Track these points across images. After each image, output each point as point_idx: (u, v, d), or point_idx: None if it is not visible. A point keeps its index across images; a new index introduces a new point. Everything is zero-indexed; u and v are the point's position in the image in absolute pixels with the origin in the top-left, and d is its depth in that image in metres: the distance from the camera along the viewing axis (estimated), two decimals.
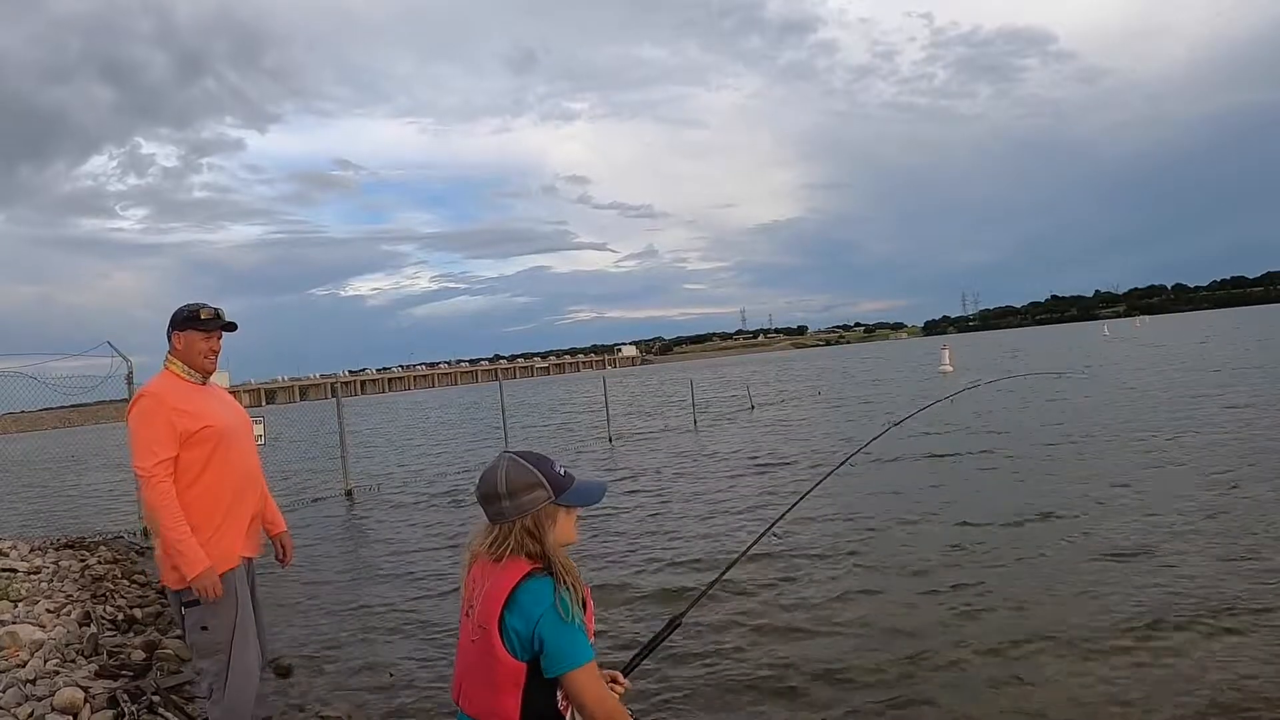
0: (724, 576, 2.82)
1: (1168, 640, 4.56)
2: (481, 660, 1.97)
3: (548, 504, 2.02)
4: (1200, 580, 5.43)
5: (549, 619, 1.92)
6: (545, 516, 2.02)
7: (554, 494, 2.03)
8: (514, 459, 2.06)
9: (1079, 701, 3.99)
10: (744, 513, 9.23)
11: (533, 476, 2.03)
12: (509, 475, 2.03)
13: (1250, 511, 6.98)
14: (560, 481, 2.06)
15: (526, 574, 1.96)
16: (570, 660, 1.92)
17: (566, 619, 1.92)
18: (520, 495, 2.01)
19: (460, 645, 2.07)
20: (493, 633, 1.94)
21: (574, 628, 1.93)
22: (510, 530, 2.00)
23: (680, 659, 4.91)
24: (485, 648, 1.95)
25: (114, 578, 7.83)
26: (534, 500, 2.01)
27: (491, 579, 1.99)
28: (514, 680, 1.94)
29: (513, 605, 1.93)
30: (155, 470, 3.20)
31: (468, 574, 2.10)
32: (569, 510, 2.07)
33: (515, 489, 2.01)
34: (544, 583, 1.95)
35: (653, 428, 21.96)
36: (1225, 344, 36.32)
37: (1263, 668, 4.12)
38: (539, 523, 2.01)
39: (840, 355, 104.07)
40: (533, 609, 1.93)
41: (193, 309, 3.45)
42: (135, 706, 4.35)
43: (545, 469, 2.06)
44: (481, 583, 2.01)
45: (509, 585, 1.95)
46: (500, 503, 2.01)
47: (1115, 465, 9.82)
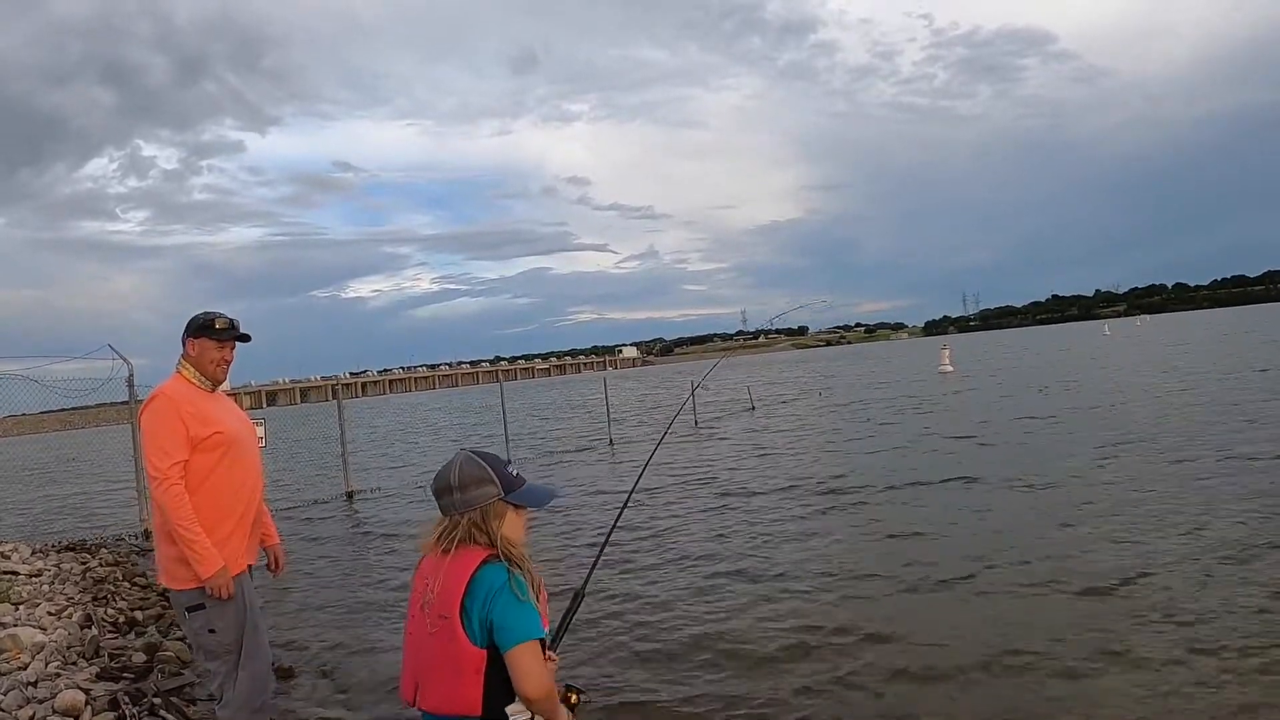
0: (608, 544, 2.89)
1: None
2: (443, 651, 2.02)
3: (497, 500, 2.12)
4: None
5: (503, 597, 1.99)
6: (494, 513, 2.11)
7: (503, 491, 2.13)
8: (469, 455, 2.18)
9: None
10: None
11: (484, 472, 2.13)
12: (462, 469, 2.13)
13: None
14: (511, 481, 2.17)
15: (482, 561, 2.04)
16: (518, 633, 1.98)
17: (522, 598, 2.00)
18: (471, 489, 2.11)
19: (412, 642, 2.11)
20: (454, 621, 1.99)
21: (526, 605, 2.01)
22: (459, 522, 2.09)
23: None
24: (447, 637, 2.00)
25: (115, 580, 7.84)
26: (484, 495, 2.11)
27: (446, 570, 2.05)
28: (476, 668, 1.99)
29: (470, 591, 2.00)
30: (169, 472, 3.21)
31: (417, 569, 2.17)
32: (517, 510, 2.16)
33: (466, 482, 2.11)
34: (498, 567, 2.03)
35: (653, 429, 21.93)
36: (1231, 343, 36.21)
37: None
38: (486, 517, 2.10)
39: (840, 356, 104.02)
40: (488, 590, 2.00)
41: (208, 318, 3.47)
42: (136, 709, 4.35)
43: (497, 467, 2.17)
44: (434, 575, 2.08)
45: (466, 573, 2.02)
46: (452, 495, 2.11)
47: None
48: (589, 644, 5.28)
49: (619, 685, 4.67)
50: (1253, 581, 5.21)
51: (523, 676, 1.98)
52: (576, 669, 4.77)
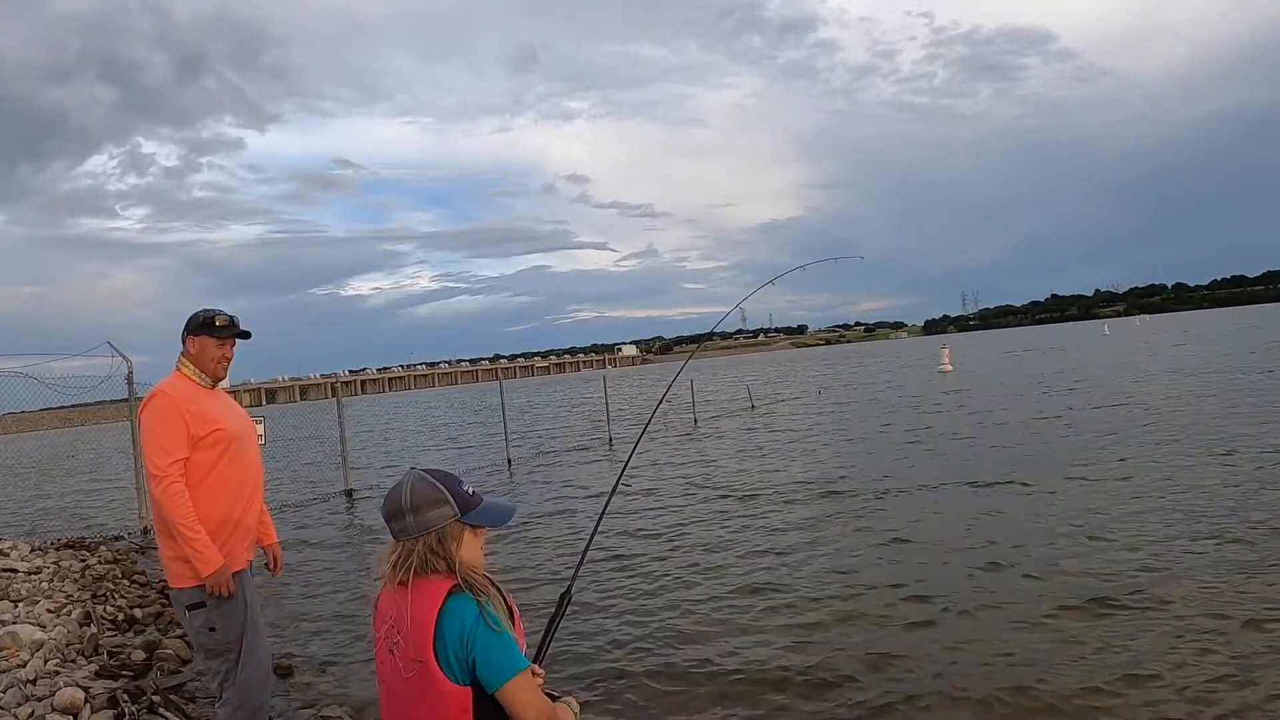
0: (591, 543, 2.85)
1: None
2: (424, 696, 1.90)
3: (453, 522, 1.97)
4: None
5: (480, 631, 1.87)
6: (450, 535, 1.97)
7: (459, 512, 1.99)
8: (420, 475, 2.03)
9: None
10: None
11: (438, 493, 1.98)
12: (414, 491, 1.98)
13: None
14: (467, 500, 2.01)
15: (447, 594, 1.91)
16: (505, 670, 1.88)
17: (496, 629, 1.88)
18: (425, 511, 1.96)
19: (387, 687, 1.98)
20: (430, 664, 1.87)
21: (504, 636, 1.89)
22: (414, 548, 1.95)
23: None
24: (425, 682, 1.88)
25: (114, 578, 7.84)
26: (439, 517, 1.96)
27: (412, 608, 1.92)
28: (463, 707, 1.88)
29: (442, 628, 1.88)
30: (169, 470, 3.21)
31: (376, 606, 2.04)
32: (475, 531, 2.02)
33: (420, 504, 1.96)
34: (465, 598, 1.91)
35: (653, 429, 21.92)
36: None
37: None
38: (443, 540, 1.96)
39: (839, 355, 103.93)
40: (461, 626, 1.87)
41: (208, 315, 3.46)
42: (135, 706, 4.35)
43: (451, 486, 2.01)
44: (396, 614, 1.94)
45: (434, 610, 1.89)
46: (404, 518, 1.96)
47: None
48: (582, 653, 5.21)
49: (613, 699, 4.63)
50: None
51: (521, 709, 1.89)
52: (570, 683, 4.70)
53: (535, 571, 7.56)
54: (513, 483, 13.94)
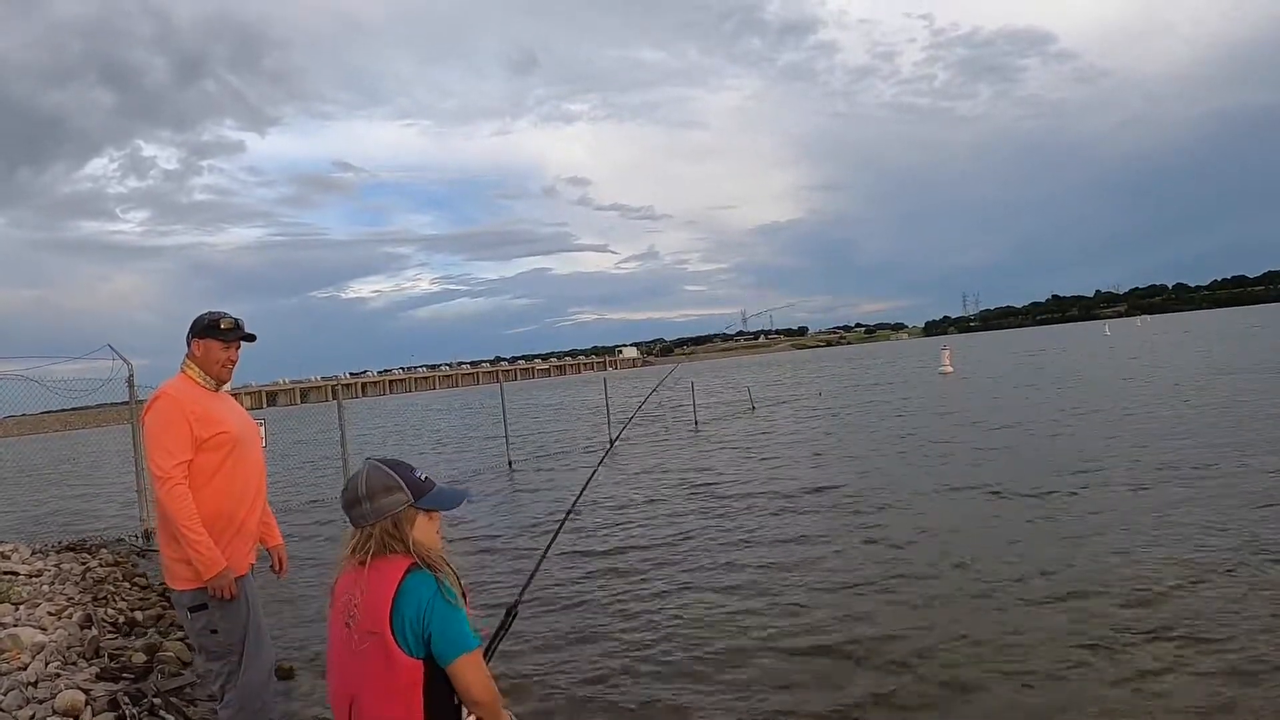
0: (544, 560, 2.94)
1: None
2: (376, 668, 1.98)
3: (407, 507, 2.09)
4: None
5: (438, 605, 1.97)
6: (405, 519, 2.08)
7: (413, 497, 2.10)
8: (375, 464, 2.14)
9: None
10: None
11: (392, 480, 2.10)
12: (369, 479, 2.10)
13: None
14: (420, 486, 2.13)
15: (406, 570, 2.01)
16: (459, 644, 1.97)
17: (454, 604, 2.00)
18: (380, 498, 2.07)
19: (338, 661, 2.06)
20: (385, 635, 1.96)
21: (461, 613, 2.00)
22: (371, 533, 2.06)
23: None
24: (380, 653, 1.97)
25: (115, 580, 7.84)
26: (394, 503, 2.08)
27: (369, 584, 2.01)
28: (413, 680, 1.97)
29: (400, 602, 1.97)
30: (173, 472, 3.20)
31: (334, 585, 2.13)
32: (429, 515, 2.13)
33: (375, 491, 2.08)
34: (424, 575, 2.01)
35: (653, 431, 21.93)
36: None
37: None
38: (399, 525, 2.07)
39: (840, 357, 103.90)
40: (419, 600, 1.97)
41: (214, 318, 3.46)
42: (136, 709, 4.35)
43: (404, 474, 2.13)
44: (355, 591, 2.04)
45: (392, 585, 1.99)
46: (361, 505, 2.08)
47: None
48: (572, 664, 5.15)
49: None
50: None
51: (469, 685, 1.97)
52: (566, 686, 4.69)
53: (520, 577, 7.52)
54: (514, 484, 13.94)
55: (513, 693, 4.73)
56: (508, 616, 2.46)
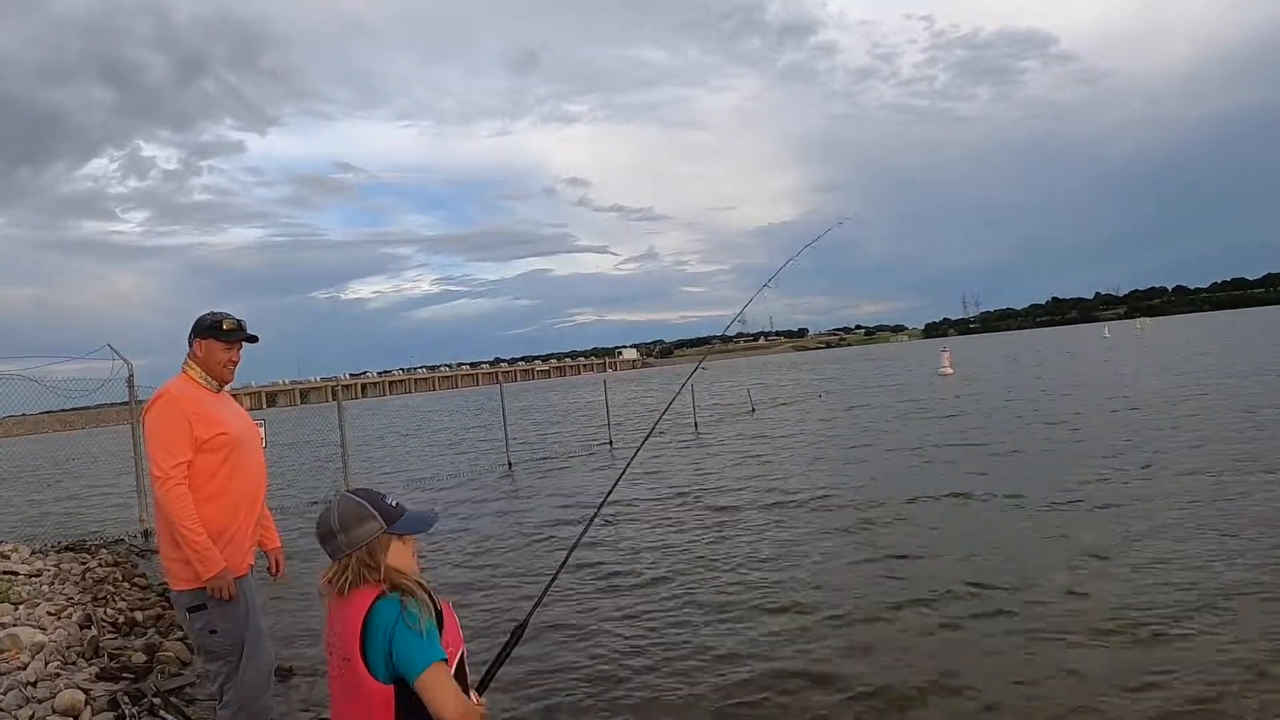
0: (556, 579, 2.90)
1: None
2: (353, 693, 2.03)
3: (381, 534, 2.11)
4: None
5: (399, 630, 2.00)
6: (379, 547, 2.11)
7: (386, 524, 2.12)
8: (345, 496, 2.18)
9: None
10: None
11: (363, 510, 2.13)
12: (341, 511, 2.13)
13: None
14: (391, 512, 2.15)
15: (374, 599, 2.05)
16: (419, 661, 1.99)
17: (414, 626, 2.01)
18: (353, 529, 2.10)
19: (330, 687, 2.13)
20: (356, 662, 2.01)
21: (417, 635, 2.01)
22: (348, 564, 2.09)
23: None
24: (353, 680, 2.02)
25: (115, 580, 7.85)
26: (367, 532, 2.10)
27: (343, 612, 2.07)
28: (385, 705, 2.01)
29: (368, 629, 2.02)
30: (172, 472, 3.21)
31: (328, 614, 2.17)
32: (403, 539, 2.16)
33: (348, 523, 2.11)
34: (390, 600, 2.04)
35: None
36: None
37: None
38: (374, 553, 2.10)
39: (840, 358, 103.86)
40: (384, 626, 2.01)
41: (216, 319, 3.46)
42: (136, 709, 4.36)
43: (375, 502, 2.16)
44: (335, 619, 2.09)
45: (361, 612, 2.03)
46: (336, 539, 2.11)
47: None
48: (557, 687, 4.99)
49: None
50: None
51: (435, 702, 2.00)
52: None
53: (513, 580, 7.52)
54: (514, 487, 13.94)
55: (512, 689, 4.75)
56: (515, 635, 2.46)
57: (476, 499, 12.24)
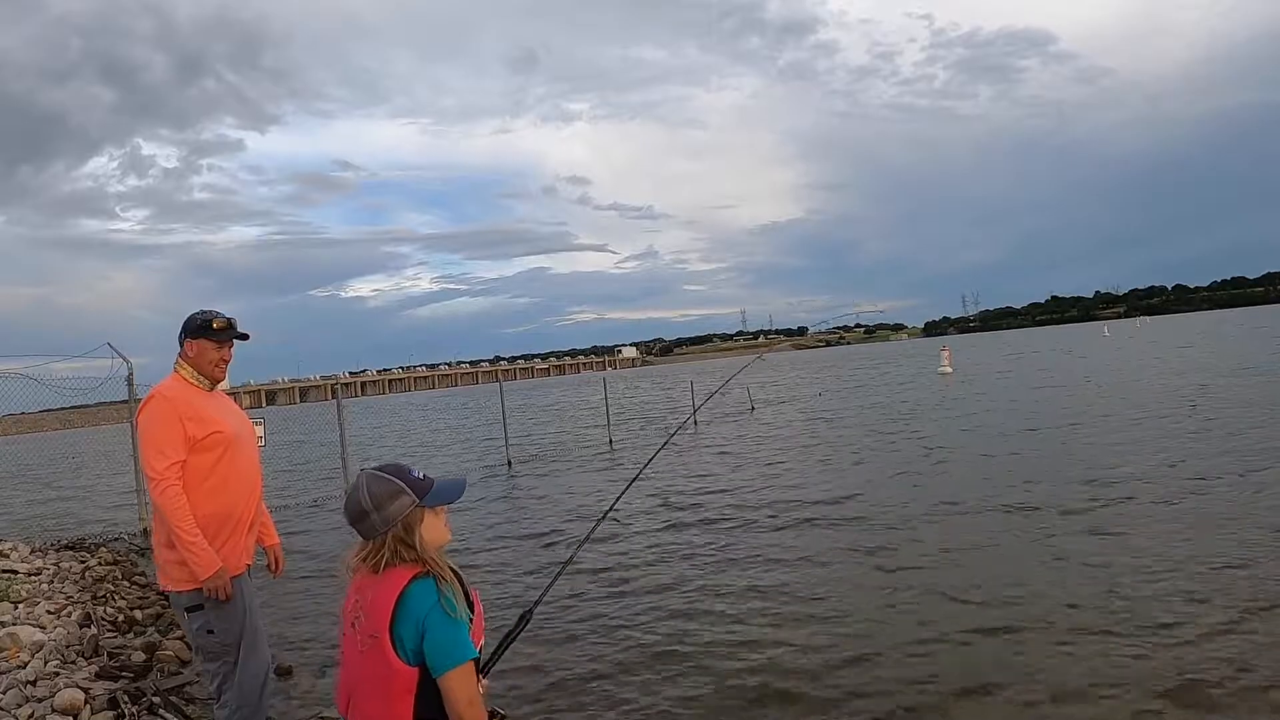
0: (569, 564, 2.97)
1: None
2: (374, 671, 2.00)
3: (414, 509, 2.08)
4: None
5: (435, 616, 1.98)
6: (414, 521, 2.08)
7: (418, 498, 2.10)
8: (373, 474, 2.13)
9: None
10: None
11: (394, 485, 2.09)
12: (371, 489, 2.09)
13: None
14: (421, 485, 2.12)
15: (411, 579, 2.02)
16: (452, 657, 1.97)
17: (453, 615, 1.99)
18: (387, 506, 2.07)
19: (346, 659, 2.10)
20: (384, 641, 1.98)
21: (459, 624, 1.99)
22: (384, 543, 2.06)
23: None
24: (377, 657, 1.99)
25: (114, 579, 7.85)
26: (400, 508, 2.07)
27: (375, 589, 2.03)
28: (407, 688, 1.98)
29: (401, 610, 1.98)
30: (166, 473, 3.20)
31: (350, 589, 2.14)
32: (435, 511, 2.14)
33: (380, 501, 2.07)
34: (427, 584, 2.01)
35: (652, 432, 21.96)
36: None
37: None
38: (409, 528, 2.07)
39: (839, 356, 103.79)
40: (419, 610, 1.98)
41: (206, 318, 3.45)
42: (135, 708, 4.36)
43: (404, 476, 2.12)
44: (365, 594, 2.05)
45: (395, 592, 2.00)
46: (369, 518, 2.07)
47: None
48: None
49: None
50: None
51: (456, 701, 1.97)
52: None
53: (515, 574, 7.53)
54: (513, 485, 13.95)
55: (508, 692, 4.76)
56: (521, 622, 2.44)
57: (476, 499, 12.24)
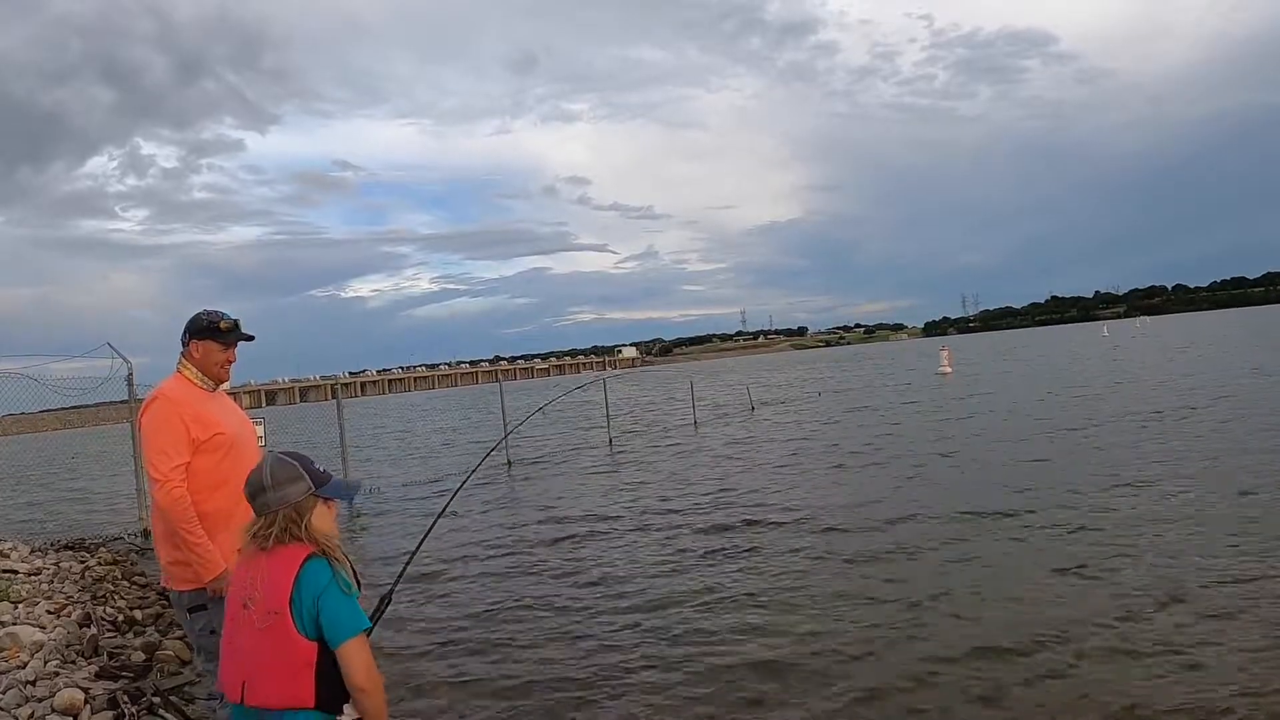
0: (418, 550, 3.22)
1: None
2: (275, 646, 2.12)
3: (308, 495, 2.25)
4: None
5: (331, 590, 2.13)
6: (306, 506, 2.24)
7: (314, 485, 2.27)
8: (278, 456, 2.31)
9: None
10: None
11: (294, 470, 2.27)
12: (273, 469, 2.26)
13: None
14: (319, 476, 2.30)
15: (307, 557, 2.15)
16: (349, 627, 2.12)
17: (347, 590, 2.15)
18: (284, 486, 2.23)
19: (234, 642, 2.20)
20: (285, 616, 2.10)
21: (352, 599, 2.16)
22: (275, 519, 2.21)
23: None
24: (279, 633, 2.11)
25: (114, 579, 7.85)
26: (296, 490, 2.24)
27: (271, 568, 2.16)
28: (308, 661, 2.10)
29: (299, 586, 2.12)
30: (171, 475, 3.19)
31: (237, 572, 2.29)
32: (327, 503, 2.30)
33: (279, 481, 2.24)
34: (322, 562, 2.17)
35: (652, 432, 21.96)
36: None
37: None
38: (300, 511, 2.22)
39: (839, 357, 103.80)
40: (315, 586, 2.12)
41: (213, 319, 3.43)
42: (135, 708, 4.36)
43: (306, 464, 2.30)
44: (257, 574, 2.18)
45: (293, 569, 2.14)
46: (267, 494, 2.23)
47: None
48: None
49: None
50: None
51: (354, 669, 2.10)
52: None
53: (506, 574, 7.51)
54: (512, 485, 13.95)
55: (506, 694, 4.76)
56: (380, 606, 2.59)
57: (476, 498, 12.24)
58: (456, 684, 4.98)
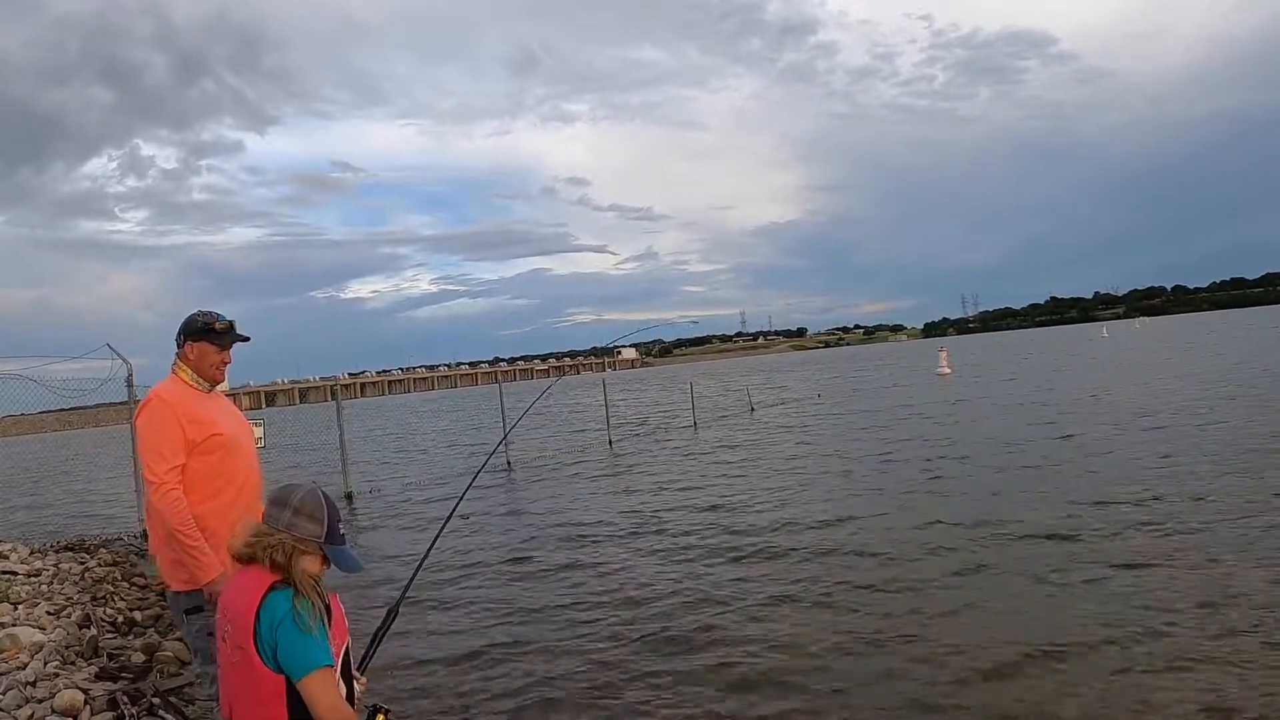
0: (425, 561, 3.12)
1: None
2: (245, 680, 2.09)
3: (314, 541, 2.18)
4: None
5: (285, 626, 2.06)
6: (304, 549, 2.17)
7: (325, 538, 2.21)
8: (318, 491, 2.26)
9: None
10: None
11: (320, 512, 2.21)
12: (305, 498, 2.21)
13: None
14: (336, 534, 2.24)
15: (269, 588, 2.10)
16: (301, 665, 2.05)
17: (302, 627, 2.06)
18: (301, 517, 2.18)
19: (223, 670, 2.18)
20: (250, 651, 2.07)
21: (308, 636, 2.06)
22: (270, 536, 2.16)
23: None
24: (246, 667, 2.08)
25: (114, 580, 7.85)
26: (307, 530, 2.18)
27: (239, 597, 2.12)
28: (277, 694, 2.07)
29: (259, 619, 2.07)
30: (166, 477, 3.17)
31: (223, 594, 2.23)
32: (323, 562, 2.23)
33: (301, 510, 2.19)
34: (283, 594, 2.09)
35: (653, 434, 21.95)
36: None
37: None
38: (296, 549, 2.16)
39: (839, 358, 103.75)
40: (272, 620, 2.06)
41: (208, 320, 3.41)
42: (135, 708, 4.36)
43: (333, 516, 2.24)
44: (230, 608, 2.14)
45: (255, 602, 2.09)
46: (283, 512, 2.19)
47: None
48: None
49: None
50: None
51: (315, 705, 2.06)
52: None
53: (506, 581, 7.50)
54: (513, 486, 13.95)
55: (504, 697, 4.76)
56: (388, 617, 2.57)
57: (478, 502, 12.24)
58: (460, 692, 4.97)
